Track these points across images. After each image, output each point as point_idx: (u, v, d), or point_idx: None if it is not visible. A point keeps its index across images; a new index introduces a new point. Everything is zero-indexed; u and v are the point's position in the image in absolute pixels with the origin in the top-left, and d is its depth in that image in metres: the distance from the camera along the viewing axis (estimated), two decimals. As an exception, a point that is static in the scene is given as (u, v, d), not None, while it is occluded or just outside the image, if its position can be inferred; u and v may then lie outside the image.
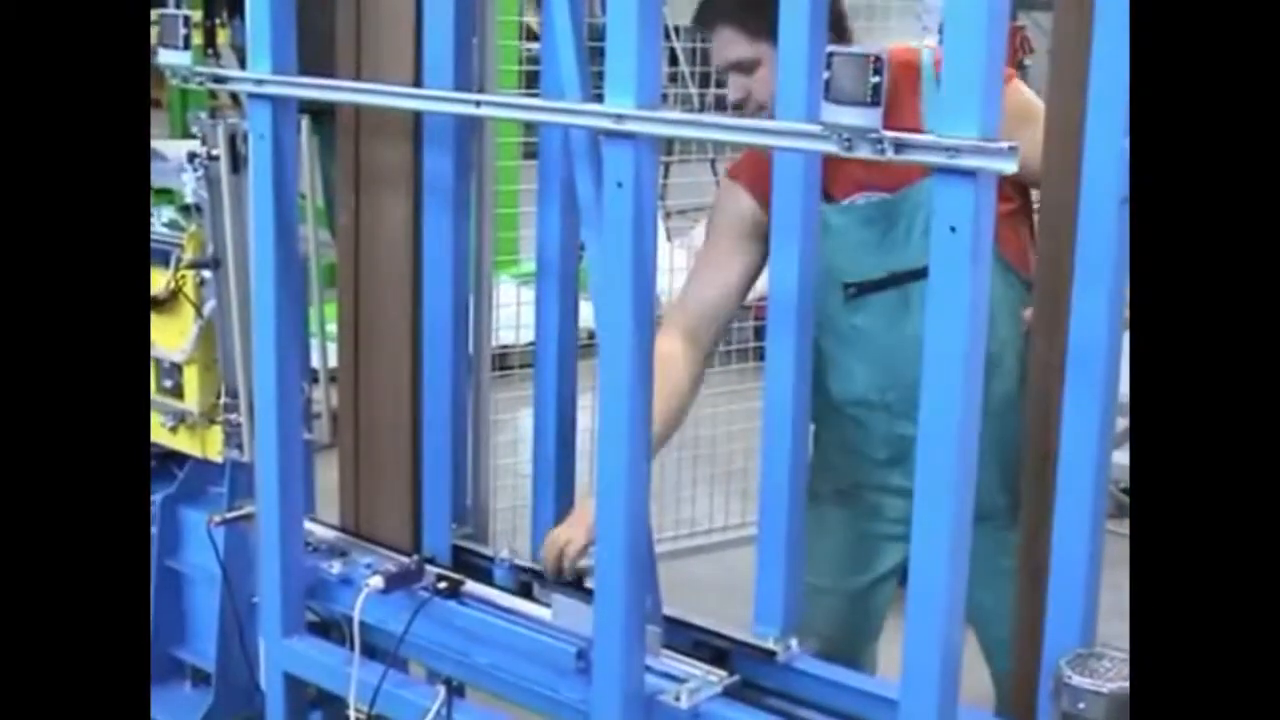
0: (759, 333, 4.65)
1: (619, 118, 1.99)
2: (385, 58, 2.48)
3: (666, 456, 2.43)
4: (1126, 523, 1.74)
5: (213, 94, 2.80)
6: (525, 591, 2.48)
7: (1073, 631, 1.98)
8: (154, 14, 2.57)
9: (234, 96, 2.66)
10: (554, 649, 2.30)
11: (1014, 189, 2.54)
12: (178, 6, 7.08)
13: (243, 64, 2.49)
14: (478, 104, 2.25)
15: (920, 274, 2.25)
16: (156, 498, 3.11)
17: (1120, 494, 4.49)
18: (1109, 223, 1.89)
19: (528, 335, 2.81)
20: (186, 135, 4.19)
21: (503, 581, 2.50)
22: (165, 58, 2.48)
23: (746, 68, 2.61)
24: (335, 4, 2.55)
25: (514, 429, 4.18)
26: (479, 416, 2.86)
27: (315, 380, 2.72)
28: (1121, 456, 2.24)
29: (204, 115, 2.74)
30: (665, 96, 5.85)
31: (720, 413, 4.62)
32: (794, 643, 2.27)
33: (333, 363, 2.70)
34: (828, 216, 2.59)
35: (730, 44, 2.63)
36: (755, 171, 2.61)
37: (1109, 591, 2.02)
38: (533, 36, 5.29)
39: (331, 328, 2.68)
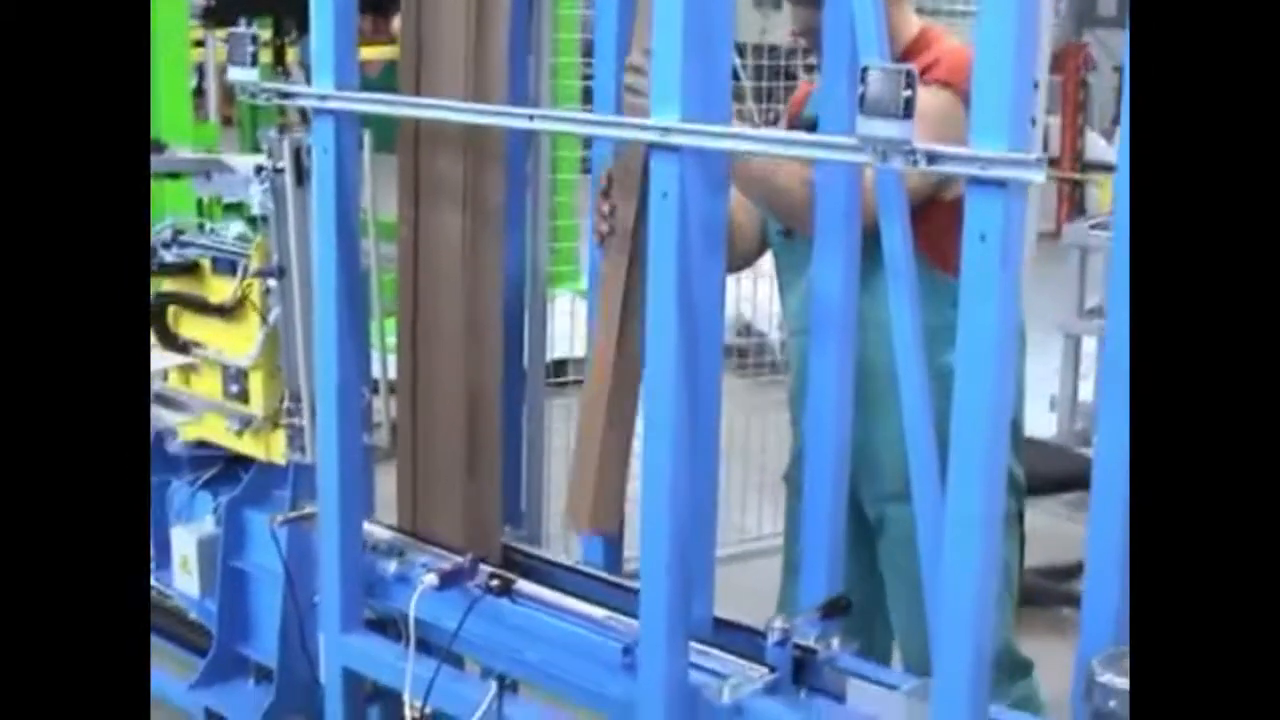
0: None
1: (665, 130, 2.07)
2: (444, 74, 2.57)
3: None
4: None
5: (281, 110, 2.89)
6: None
7: (1105, 631, 2.04)
8: (224, 32, 2.66)
9: (301, 112, 2.76)
10: (602, 645, 2.38)
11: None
12: (249, 25, 7.24)
13: (310, 80, 2.58)
14: (531, 118, 2.33)
15: None
16: (222, 499, 3.21)
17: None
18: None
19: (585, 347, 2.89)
20: (256, 150, 4.30)
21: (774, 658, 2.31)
22: (234, 74, 2.58)
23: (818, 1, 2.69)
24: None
25: (569, 437, 4.24)
26: (534, 424, 2.95)
27: (376, 390, 2.80)
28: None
29: (273, 131, 2.84)
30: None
31: (770, 422, 4.68)
32: (835, 642, 2.33)
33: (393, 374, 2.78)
34: None
35: None
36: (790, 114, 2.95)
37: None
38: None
39: (392, 340, 2.77)
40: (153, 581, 3.35)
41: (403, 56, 2.63)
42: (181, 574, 3.29)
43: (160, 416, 3.15)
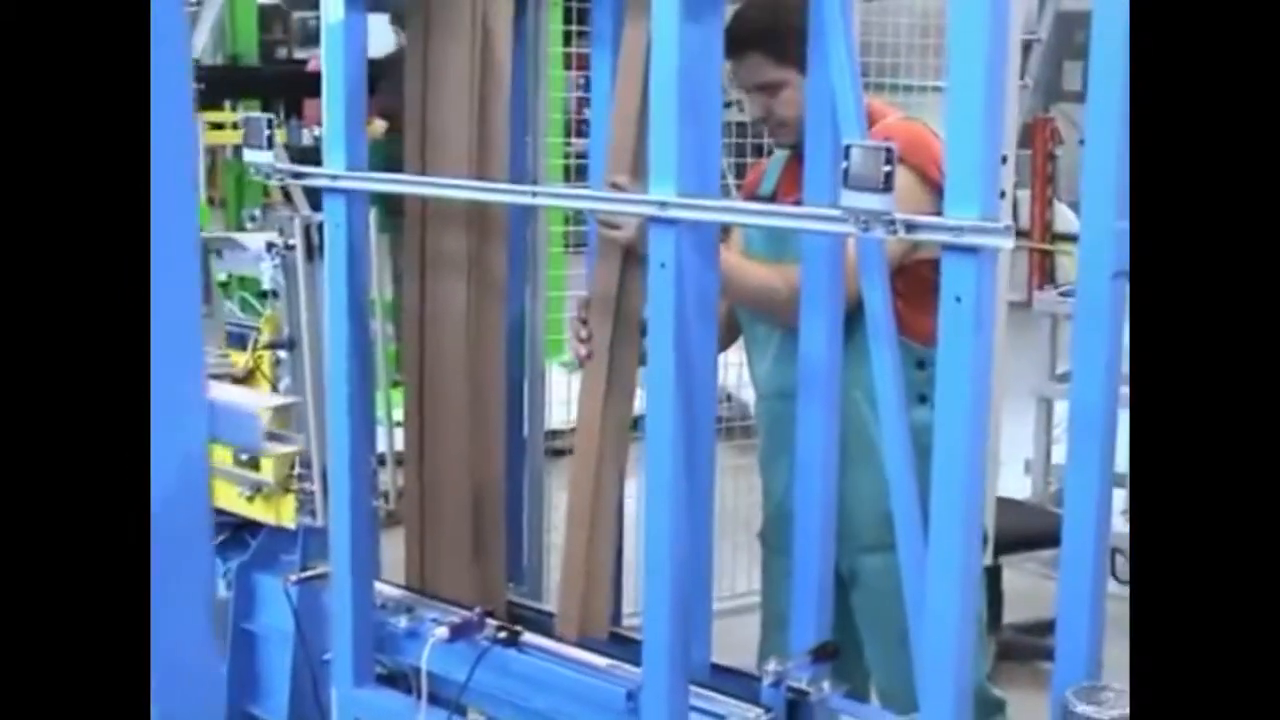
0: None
1: (662, 204, 2.23)
2: (449, 154, 2.73)
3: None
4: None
5: (265, 191, 3.06)
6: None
7: (1079, 665, 2.18)
8: (237, 116, 2.82)
9: (285, 193, 2.91)
10: (606, 691, 2.51)
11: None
12: (233, 108, 7.37)
13: (293, 160, 2.74)
14: (534, 194, 2.49)
15: None
16: (232, 564, 3.34)
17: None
18: (1104, 296, 2.10)
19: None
20: (240, 228, 4.44)
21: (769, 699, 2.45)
22: (249, 156, 2.74)
23: (772, 89, 2.90)
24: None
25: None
26: (533, 487, 3.09)
27: (382, 463, 2.93)
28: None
29: (256, 210, 3.00)
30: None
31: (754, 484, 4.82)
32: (826, 684, 2.46)
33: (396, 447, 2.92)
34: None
35: (758, 68, 2.94)
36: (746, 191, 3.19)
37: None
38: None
39: (396, 413, 2.90)
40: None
41: (409, 138, 2.79)
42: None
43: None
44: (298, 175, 2.75)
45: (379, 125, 4.46)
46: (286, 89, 7.68)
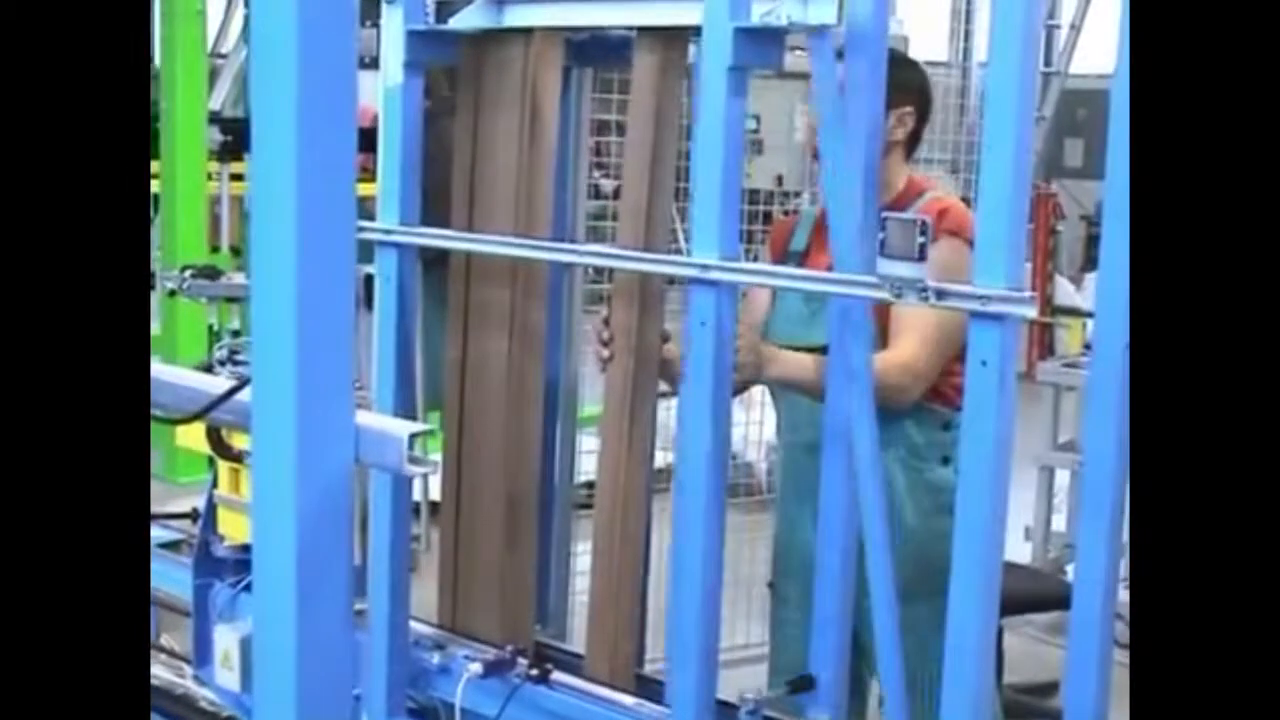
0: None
1: (704, 267, 2.38)
2: (495, 211, 2.87)
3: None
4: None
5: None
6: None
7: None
8: (238, 165, 2.90)
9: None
10: (634, 726, 2.63)
11: None
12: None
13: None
14: (579, 253, 2.63)
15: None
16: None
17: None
18: (1116, 366, 2.23)
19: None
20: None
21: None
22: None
23: None
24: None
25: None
26: (561, 537, 3.21)
27: (416, 512, 3.04)
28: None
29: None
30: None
31: (744, 539, 4.94)
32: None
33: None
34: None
35: None
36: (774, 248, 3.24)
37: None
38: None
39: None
40: (191, 678, 3.57)
41: (456, 197, 2.93)
42: (223, 670, 3.50)
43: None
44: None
45: None
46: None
